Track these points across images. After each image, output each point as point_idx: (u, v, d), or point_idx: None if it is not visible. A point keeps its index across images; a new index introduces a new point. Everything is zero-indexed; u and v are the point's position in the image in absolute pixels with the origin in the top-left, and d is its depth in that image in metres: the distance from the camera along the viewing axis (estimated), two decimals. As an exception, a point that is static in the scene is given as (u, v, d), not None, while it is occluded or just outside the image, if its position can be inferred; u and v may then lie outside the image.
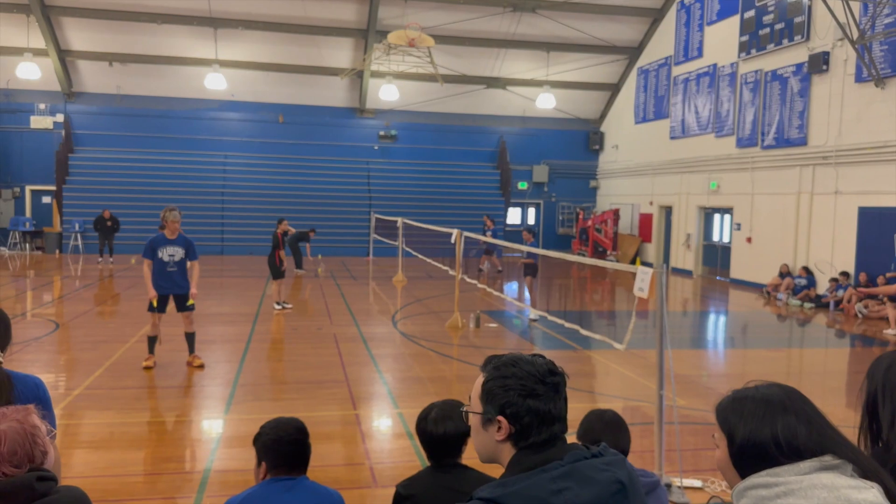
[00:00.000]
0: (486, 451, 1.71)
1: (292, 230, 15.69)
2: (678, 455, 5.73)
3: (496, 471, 2.50)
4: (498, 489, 1.54)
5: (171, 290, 8.82)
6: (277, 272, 13.74)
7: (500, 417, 1.63)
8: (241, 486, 2.88)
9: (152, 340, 8.88)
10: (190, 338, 8.99)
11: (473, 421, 1.71)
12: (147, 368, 8.72)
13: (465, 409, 1.76)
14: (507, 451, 1.65)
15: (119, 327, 11.65)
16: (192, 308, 8.95)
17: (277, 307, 13.59)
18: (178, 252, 8.80)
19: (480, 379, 1.72)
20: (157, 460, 5.89)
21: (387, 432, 6.95)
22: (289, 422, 2.84)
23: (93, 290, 15.91)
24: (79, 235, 23.95)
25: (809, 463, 1.48)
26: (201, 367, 8.92)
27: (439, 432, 2.78)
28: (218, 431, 6.70)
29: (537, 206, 29.62)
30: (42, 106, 25.24)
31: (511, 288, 18.80)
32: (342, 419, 7.09)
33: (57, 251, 24.00)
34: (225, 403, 7.51)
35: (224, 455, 6.05)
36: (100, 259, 21.87)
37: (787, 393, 1.60)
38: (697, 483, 5.60)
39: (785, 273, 17.75)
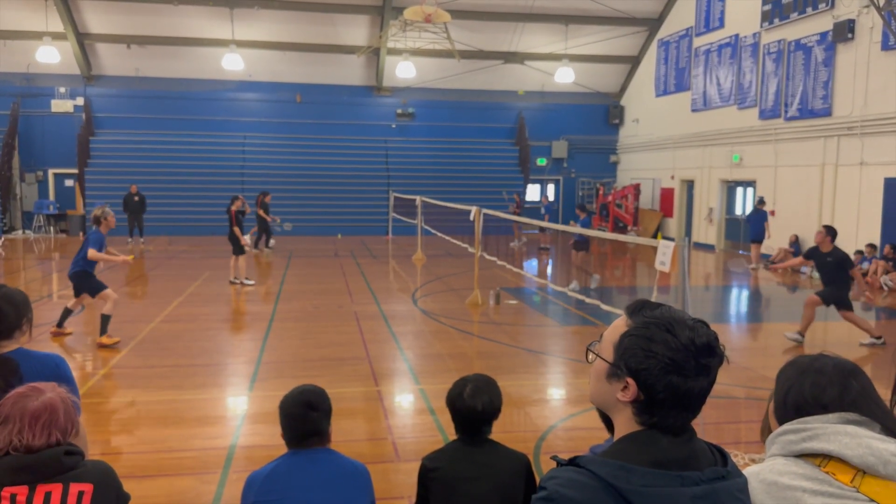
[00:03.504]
0: (600, 399, 1.48)
1: (248, 208, 15.80)
2: (701, 428, 5.71)
3: (522, 445, 2.48)
4: (621, 475, 1.31)
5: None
6: (238, 248, 14.02)
7: (630, 380, 1.39)
8: (265, 461, 2.91)
9: (67, 313, 9.45)
10: (105, 319, 9.09)
11: (598, 365, 1.47)
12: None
13: (592, 347, 1.51)
14: (627, 417, 1.42)
15: (144, 307, 11.81)
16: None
17: (235, 282, 13.89)
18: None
19: (622, 325, 1.44)
20: (183, 437, 5.99)
21: (409, 408, 7.00)
22: (297, 394, 2.78)
23: (116, 271, 16.11)
24: (102, 218, 24.16)
25: (838, 416, 1.61)
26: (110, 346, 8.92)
27: (474, 407, 2.77)
28: (243, 408, 6.80)
29: (556, 183, 29.44)
30: (62, 90, 25.44)
31: (531, 265, 18.76)
32: (364, 395, 7.15)
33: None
34: (249, 380, 7.60)
35: (249, 431, 6.14)
36: (129, 240, 22.06)
37: (839, 365, 1.77)
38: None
39: (793, 242, 17.69)
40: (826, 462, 1.53)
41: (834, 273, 9.15)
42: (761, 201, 18.47)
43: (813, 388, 1.70)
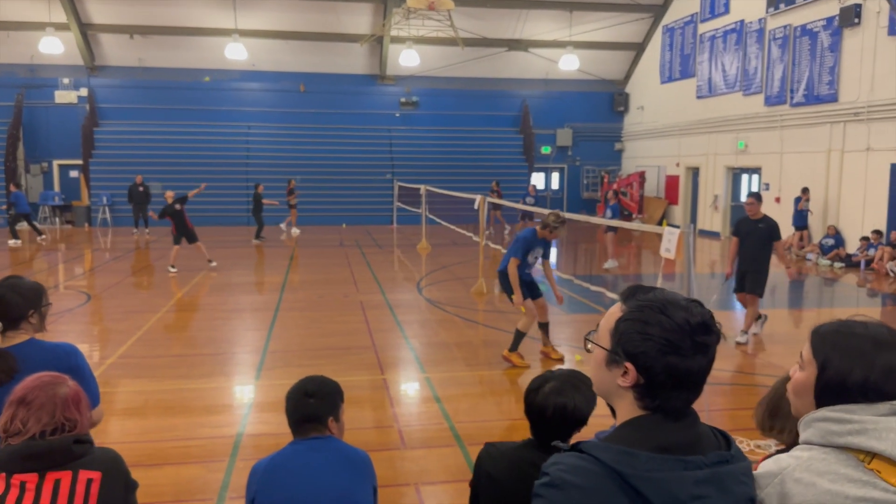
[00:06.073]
0: (601, 388, 1.48)
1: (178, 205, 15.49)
2: (706, 415, 5.72)
3: (528, 433, 2.43)
4: (625, 460, 1.30)
5: None
6: (177, 238, 14.46)
7: (629, 365, 1.38)
8: (273, 449, 2.93)
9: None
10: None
11: (597, 354, 1.47)
12: None
13: (589, 336, 1.52)
14: (628, 402, 1.42)
15: (150, 297, 11.85)
16: None
17: (173, 270, 14.11)
18: None
19: (617, 311, 1.44)
20: (190, 426, 6.02)
21: (414, 396, 7.03)
22: (298, 382, 2.82)
23: (123, 261, 16.17)
24: (107, 209, 24.27)
25: (889, 405, 1.41)
26: None
27: (558, 406, 2.38)
28: (249, 397, 6.83)
29: (561, 171, 29.36)
30: (66, 80, 25.44)
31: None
32: (370, 384, 7.17)
33: (86, 224, 24.37)
34: (255, 370, 7.63)
35: (256, 419, 6.17)
36: (135, 230, 22.10)
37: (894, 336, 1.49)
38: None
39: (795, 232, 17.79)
40: (871, 458, 1.37)
41: (765, 241, 8.93)
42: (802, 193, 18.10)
43: (887, 371, 1.44)
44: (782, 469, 1.41)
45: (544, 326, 8.11)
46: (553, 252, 14.75)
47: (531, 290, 7.89)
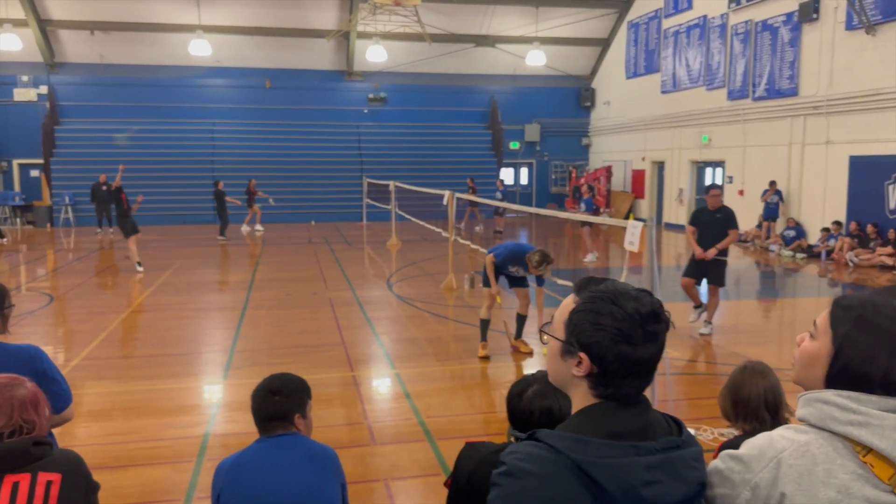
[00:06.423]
0: (557, 378, 1.51)
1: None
2: (671, 405, 5.82)
3: (499, 426, 2.46)
4: (578, 447, 1.33)
5: None
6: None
7: (583, 355, 1.41)
8: (240, 448, 2.91)
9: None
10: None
11: (552, 345, 1.50)
12: None
13: (545, 328, 1.54)
14: (583, 391, 1.45)
15: (114, 298, 11.67)
16: None
17: (139, 269, 13.98)
18: None
19: (570, 303, 1.47)
20: (156, 427, 5.95)
21: (384, 392, 7.03)
22: (264, 380, 2.82)
23: (86, 262, 15.88)
24: (69, 208, 23.81)
25: None
26: None
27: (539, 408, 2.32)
28: (217, 396, 6.77)
29: (530, 166, 29.51)
30: (25, 78, 24.87)
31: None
32: (340, 381, 7.16)
33: (48, 225, 23.88)
34: (223, 369, 7.57)
35: (223, 419, 6.13)
36: (98, 230, 21.70)
37: None
38: (691, 432, 5.69)
39: (760, 223, 18.10)
40: (867, 451, 1.32)
41: (724, 231, 9.12)
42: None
43: None
44: (778, 452, 1.37)
45: (521, 319, 8.19)
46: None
47: (517, 282, 8.19)
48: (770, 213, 18.08)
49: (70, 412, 2.91)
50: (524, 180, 29.49)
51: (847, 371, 1.38)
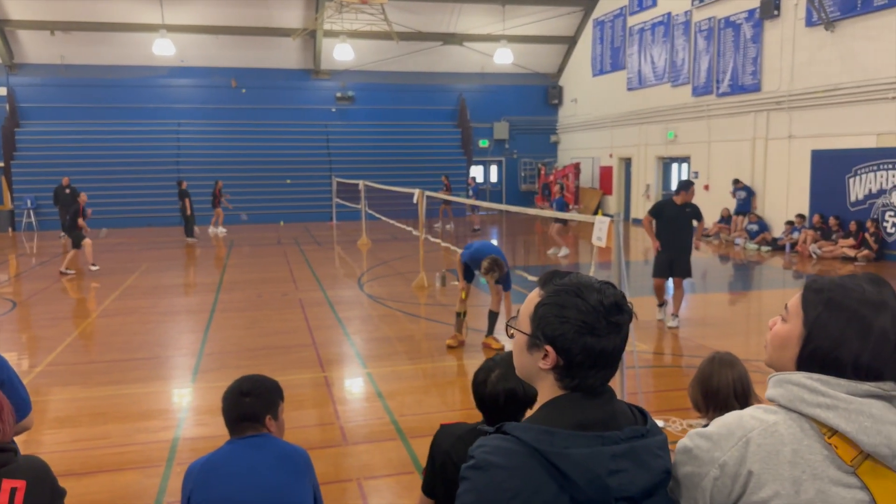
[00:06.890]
0: (524, 371, 1.52)
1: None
2: (640, 397, 5.90)
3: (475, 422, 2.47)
4: (545, 438, 1.36)
5: None
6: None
7: (549, 347, 1.43)
8: (210, 451, 2.89)
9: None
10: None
11: (518, 339, 1.51)
12: None
13: (510, 323, 1.56)
14: (549, 384, 1.46)
15: (79, 302, 11.47)
16: None
17: (70, 272, 13.99)
18: None
19: (535, 296, 1.50)
20: (124, 432, 5.87)
21: (356, 392, 7.01)
22: (237, 382, 2.79)
23: (50, 266, 15.57)
24: (31, 212, 23.32)
25: (867, 386, 1.35)
26: None
27: (503, 389, 2.36)
28: (186, 400, 6.69)
29: (499, 164, 29.61)
30: (-17, 79, 24.30)
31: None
32: (311, 382, 7.12)
33: (9, 229, 23.36)
34: (191, 372, 7.48)
35: (192, 422, 6.06)
36: (62, 234, 21.28)
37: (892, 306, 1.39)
38: (660, 423, 5.77)
39: (725, 217, 18.39)
40: (832, 433, 1.34)
41: (689, 224, 9.28)
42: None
43: (882, 341, 1.36)
44: (747, 432, 1.37)
45: (493, 316, 8.25)
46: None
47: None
48: (742, 208, 18.37)
49: (30, 421, 2.86)
50: (494, 178, 29.59)
51: (817, 353, 1.39)
